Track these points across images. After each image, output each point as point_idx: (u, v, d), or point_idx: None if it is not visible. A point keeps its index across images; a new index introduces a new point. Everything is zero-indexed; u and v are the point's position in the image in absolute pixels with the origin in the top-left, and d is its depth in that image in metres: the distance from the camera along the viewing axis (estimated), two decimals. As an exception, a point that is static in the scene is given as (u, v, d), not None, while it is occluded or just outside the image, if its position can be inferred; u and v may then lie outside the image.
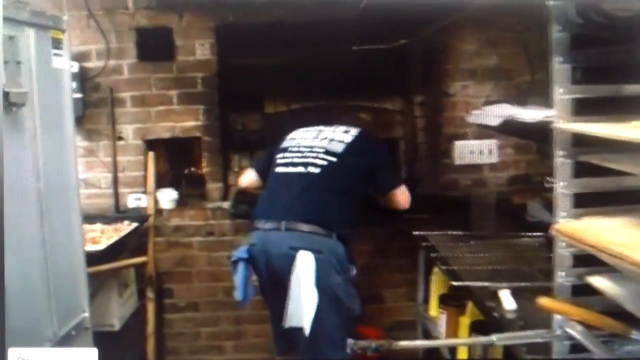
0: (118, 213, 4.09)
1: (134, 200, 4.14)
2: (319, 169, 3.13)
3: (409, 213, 3.48)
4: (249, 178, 3.52)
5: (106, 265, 3.31)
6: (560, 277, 1.95)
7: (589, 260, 1.84)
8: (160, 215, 4.13)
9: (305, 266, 2.92)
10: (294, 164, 3.19)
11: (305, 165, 3.16)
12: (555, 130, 1.91)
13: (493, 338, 2.04)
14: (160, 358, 4.17)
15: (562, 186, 1.91)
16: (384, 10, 3.24)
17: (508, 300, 2.44)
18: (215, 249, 4.17)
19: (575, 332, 1.88)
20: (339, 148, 3.19)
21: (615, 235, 1.64)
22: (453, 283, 2.76)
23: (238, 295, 3.10)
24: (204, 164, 4.26)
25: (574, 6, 1.83)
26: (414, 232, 3.43)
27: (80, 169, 3.87)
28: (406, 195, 3.30)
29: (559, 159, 1.91)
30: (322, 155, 3.17)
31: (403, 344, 2.09)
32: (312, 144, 3.24)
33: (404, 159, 4.49)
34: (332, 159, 3.16)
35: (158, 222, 4.11)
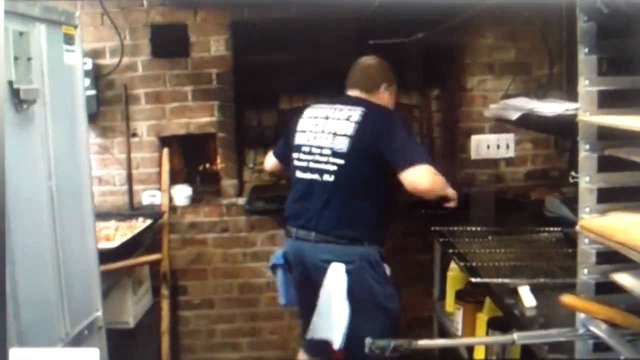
0: (132, 210, 4.08)
1: (149, 197, 4.13)
2: (332, 177, 3.04)
3: (425, 208, 3.45)
4: (270, 162, 3.54)
5: (120, 263, 3.29)
6: (584, 275, 1.90)
7: (612, 257, 1.80)
8: (175, 212, 4.12)
9: (337, 279, 2.92)
10: (311, 170, 3.11)
11: (321, 172, 3.07)
12: (580, 124, 1.85)
13: (514, 336, 1.99)
14: (175, 355, 4.17)
15: (587, 181, 1.86)
16: (400, 4, 3.20)
17: (528, 297, 2.40)
18: (230, 246, 4.16)
19: (600, 331, 1.84)
20: (344, 146, 3.03)
21: (644, 232, 1.59)
22: (472, 280, 2.71)
23: (281, 300, 3.21)
24: (218, 161, 4.25)
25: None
26: (431, 228, 3.39)
27: (94, 166, 3.92)
28: (425, 176, 2.93)
29: (584, 152, 1.85)
30: (332, 159, 3.05)
31: (422, 343, 2.05)
32: (321, 144, 3.09)
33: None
34: (340, 161, 3.03)
35: (172, 219, 4.10)
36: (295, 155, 3.20)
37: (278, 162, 3.46)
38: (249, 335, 4.27)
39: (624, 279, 1.78)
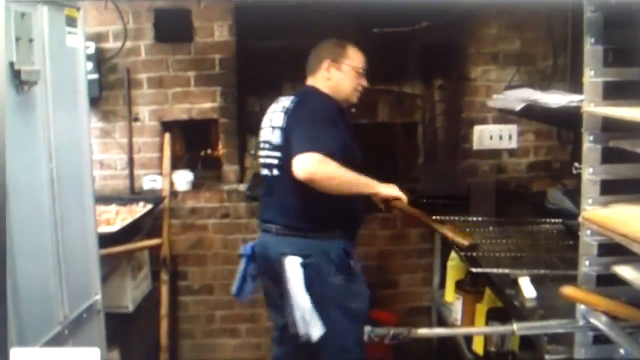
0: (133, 195, 4.08)
1: (150, 181, 4.12)
2: (277, 171, 2.92)
3: (428, 198, 3.45)
4: None
5: (120, 247, 3.29)
6: (585, 266, 1.90)
7: (614, 249, 1.79)
8: (176, 197, 4.12)
9: (293, 272, 2.82)
10: (264, 165, 3.02)
11: (270, 167, 2.96)
12: (585, 114, 1.84)
13: (514, 327, 1.98)
14: (174, 340, 4.17)
15: (590, 172, 1.85)
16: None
17: (528, 288, 2.41)
18: (231, 232, 4.15)
19: (600, 323, 1.83)
20: (278, 138, 2.90)
21: (647, 225, 1.59)
22: (472, 270, 2.72)
23: (233, 290, 3.12)
24: (220, 146, 4.24)
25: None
26: (433, 217, 3.38)
27: (96, 150, 3.92)
28: (305, 163, 2.64)
29: (588, 144, 1.84)
30: (272, 153, 2.93)
31: (422, 332, 2.05)
32: (266, 138, 2.99)
33: (423, 143, 4.45)
34: (278, 154, 2.89)
35: (173, 204, 4.10)
36: (258, 152, 3.16)
37: None
38: (248, 321, 4.27)
39: (625, 271, 1.77)
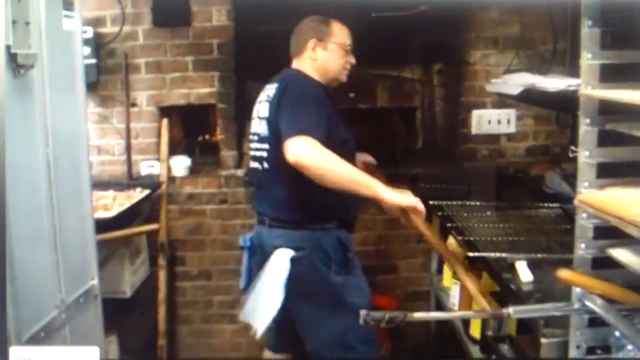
0: (131, 180, 4.08)
1: (147, 167, 4.11)
2: (266, 164, 2.83)
3: (426, 182, 3.44)
4: None
5: (117, 232, 3.29)
6: (581, 249, 1.91)
7: (610, 232, 1.79)
8: (174, 183, 4.11)
9: (278, 266, 2.72)
10: (254, 158, 2.93)
11: (260, 160, 2.87)
12: (582, 97, 1.84)
13: (510, 311, 1.99)
14: (172, 326, 4.18)
15: (586, 155, 1.85)
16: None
17: (525, 272, 2.41)
18: (229, 217, 4.15)
19: (595, 306, 1.84)
20: (264, 130, 2.81)
21: (643, 207, 1.59)
22: (469, 254, 2.72)
23: (241, 284, 3.02)
24: (218, 132, 4.23)
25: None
26: (430, 202, 3.38)
27: (93, 135, 3.93)
28: (298, 148, 2.47)
29: (584, 127, 1.85)
30: (260, 145, 2.86)
31: (418, 316, 2.06)
32: (255, 129, 2.91)
33: (421, 128, 4.45)
34: (266, 146, 2.82)
35: (171, 190, 4.09)
36: (249, 144, 3.06)
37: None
38: (246, 307, 4.27)
39: (621, 254, 1.78)
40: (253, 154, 2.95)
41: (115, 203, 3.51)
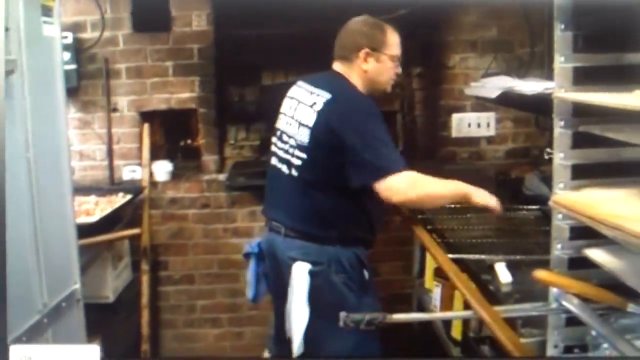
0: (113, 185, 4.08)
1: (129, 172, 4.11)
2: (297, 172, 2.66)
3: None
4: None
5: (100, 237, 3.29)
6: (557, 250, 1.93)
7: (586, 233, 1.82)
8: (155, 188, 4.11)
9: (299, 280, 2.61)
10: (281, 160, 2.75)
11: (288, 165, 2.70)
12: (556, 100, 1.87)
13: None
14: (155, 330, 4.18)
15: (561, 157, 1.88)
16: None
17: (504, 273, 2.44)
18: (211, 222, 4.16)
19: (572, 305, 1.86)
20: (305, 139, 2.63)
21: (615, 207, 1.62)
22: (449, 256, 2.74)
23: (249, 293, 2.89)
24: (199, 136, 4.24)
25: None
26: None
27: (75, 140, 3.92)
28: (399, 186, 2.48)
29: (558, 129, 1.88)
30: (296, 152, 2.66)
31: (397, 317, 2.07)
32: (290, 132, 2.71)
33: (402, 131, 4.47)
34: (303, 155, 2.63)
35: (153, 195, 4.09)
36: (273, 139, 2.87)
37: None
38: (229, 311, 4.28)
39: (596, 254, 1.80)
40: (280, 154, 2.77)
41: (97, 208, 3.51)
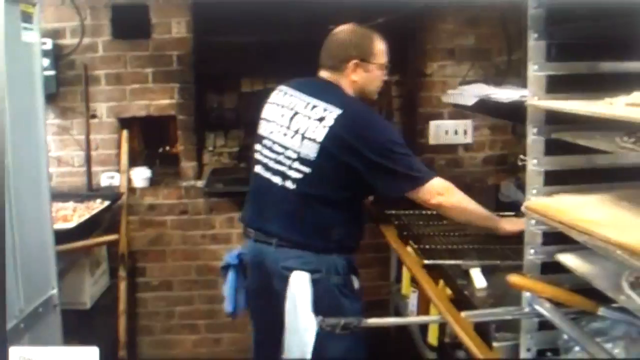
0: (91, 191, 4.06)
1: (107, 178, 4.11)
2: (294, 184, 2.61)
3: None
4: None
5: (77, 243, 3.29)
6: (530, 255, 1.96)
7: (558, 238, 1.84)
8: (134, 194, 4.11)
9: (300, 289, 2.54)
10: (272, 170, 2.68)
11: (283, 176, 2.64)
12: (529, 108, 1.91)
13: (462, 315, 2.04)
14: (133, 337, 4.17)
15: (534, 164, 1.91)
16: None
17: (479, 279, 2.47)
18: (189, 228, 4.16)
19: (544, 309, 1.89)
20: (312, 153, 2.58)
21: (585, 213, 1.64)
22: (425, 262, 2.77)
23: (227, 307, 2.84)
24: (178, 143, 4.23)
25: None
26: (386, 211, 3.44)
27: (53, 146, 3.91)
28: (438, 190, 2.65)
29: (532, 136, 1.91)
30: (296, 165, 2.61)
31: (372, 322, 2.09)
32: (285, 143, 2.65)
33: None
34: (306, 169, 2.59)
35: (131, 201, 4.09)
36: (257, 146, 2.80)
37: None
38: (207, 317, 4.28)
39: (567, 259, 1.83)
40: (268, 163, 2.71)
41: (75, 214, 3.51)
